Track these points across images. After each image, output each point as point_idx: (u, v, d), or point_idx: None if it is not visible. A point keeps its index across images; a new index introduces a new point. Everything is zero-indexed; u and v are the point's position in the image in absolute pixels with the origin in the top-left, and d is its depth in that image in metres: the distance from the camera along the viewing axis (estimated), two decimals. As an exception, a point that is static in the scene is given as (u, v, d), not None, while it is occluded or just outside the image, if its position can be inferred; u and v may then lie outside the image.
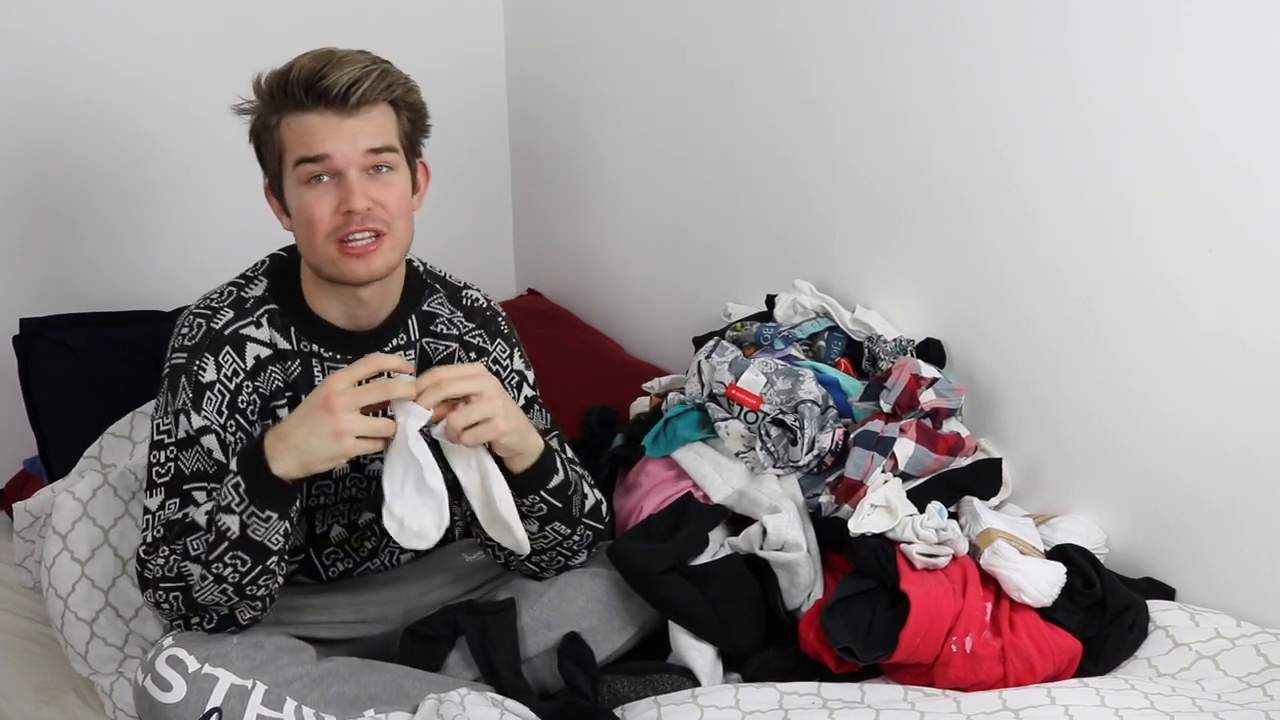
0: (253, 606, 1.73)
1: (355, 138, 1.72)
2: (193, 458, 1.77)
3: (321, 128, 1.72)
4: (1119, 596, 1.94)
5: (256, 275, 1.88)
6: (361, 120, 1.73)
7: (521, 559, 1.89)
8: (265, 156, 1.80)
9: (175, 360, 1.81)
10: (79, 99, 2.58)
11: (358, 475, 1.93)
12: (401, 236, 1.79)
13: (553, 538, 1.87)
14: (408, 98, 1.79)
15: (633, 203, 2.90)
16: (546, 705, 1.79)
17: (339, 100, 1.71)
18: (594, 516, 1.92)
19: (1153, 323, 2.01)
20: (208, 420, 1.78)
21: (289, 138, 1.74)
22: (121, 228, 2.69)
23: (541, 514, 1.83)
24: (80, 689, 2.09)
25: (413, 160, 1.83)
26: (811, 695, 1.79)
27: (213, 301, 1.85)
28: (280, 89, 1.73)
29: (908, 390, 2.15)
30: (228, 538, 1.67)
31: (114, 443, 2.20)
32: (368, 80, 1.72)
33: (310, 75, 1.71)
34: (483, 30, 3.07)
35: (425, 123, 1.84)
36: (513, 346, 1.99)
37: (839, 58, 2.38)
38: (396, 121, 1.78)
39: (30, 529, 2.22)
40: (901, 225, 2.34)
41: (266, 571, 1.70)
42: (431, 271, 1.98)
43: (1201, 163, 1.91)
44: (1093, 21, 1.99)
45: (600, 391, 2.64)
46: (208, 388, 1.79)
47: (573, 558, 1.94)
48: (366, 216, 1.73)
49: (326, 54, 1.74)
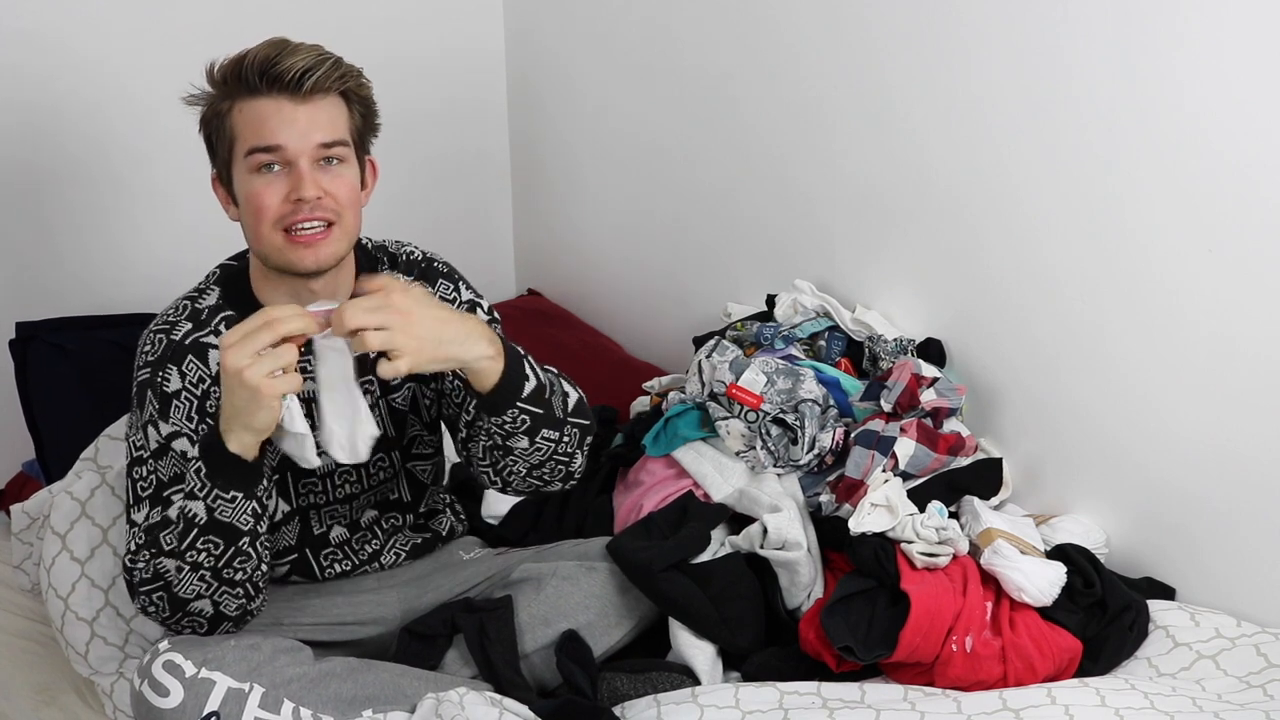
0: (234, 594, 1.71)
1: (308, 131, 1.72)
2: (169, 464, 1.77)
3: (274, 115, 1.72)
4: (1119, 596, 1.94)
5: (208, 286, 1.87)
6: (314, 110, 1.73)
7: (522, 474, 1.83)
8: (215, 145, 1.79)
9: (140, 377, 1.82)
10: (73, 99, 2.58)
11: (348, 471, 1.93)
12: (350, 226, 1.78)
13: (545, 448, 1.81)
14: (359, 91, 1.79)
15: (633, 203, 2.90)
16: (545, 703, 1.79)
17: (292, 85, 1.71)
18: (579, 414, 1.86)
19: (1152, 323, 2.01)
20: (177, 426, 1.78)
21: (241, 125, 1.74)
22: (119, 228, 2.69)
23: (526, 426, 1.77)
24: (81, 689, 2.09)
25: (362, 156, 1.83)
26: (811, 695, 1.79)
27: (169, 316, 1.85)
28: (234, 75, 1.73)
29: (908, 390, 2.16)
30: (196, 524, 1.66)
31: (110, 444, 2.19)
32: (321, 69, 1.72)
33: (264, 61, 1.71)
34: (483, 30, 3.07)
35: (375, 120, 1.84)
36: (456, 281, 1.97)
37: (839, 58, 2.38)
38: (348, 115, 1.78)
39: (27, 531, 2.22)
40: (901, 225, 2.34)
41: (241, 553, 1.68)
42: (378, 245, 1.97)
43: (1201, 163, 1.91)
44: (1092, 21, 1.99)
45: (600, 391, 2.64)
46: (174, 396, 1.79)
47: (570, 463, 1.85)
48: (316, 206, 1.73)
49: (281, 42, 1.75)
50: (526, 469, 1.83)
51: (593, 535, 2.13)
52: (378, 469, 1.95)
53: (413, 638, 1.92)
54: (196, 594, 1.70)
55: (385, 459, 1.95)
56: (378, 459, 1.94)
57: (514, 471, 1.83)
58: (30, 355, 2.37)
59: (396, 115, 2.92)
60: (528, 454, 1.80)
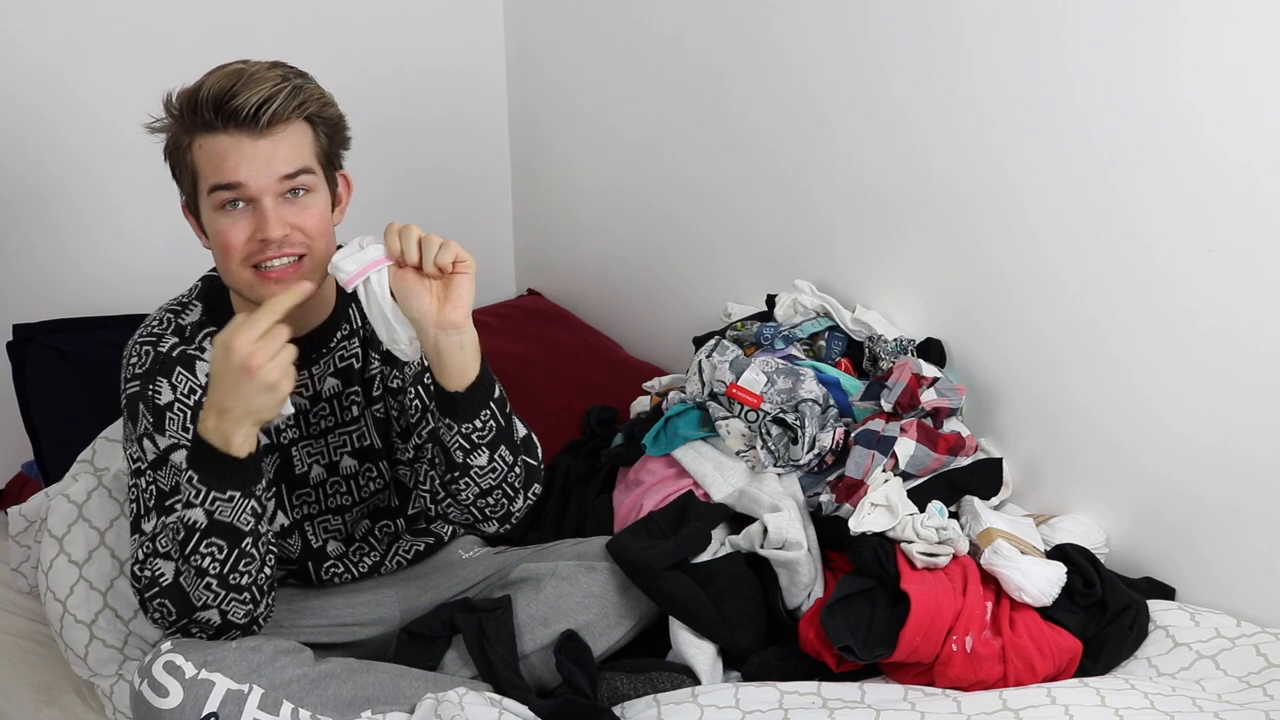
0: (241, 600, 1.71)
1: (270, 163, 1.68)
2: (169, 475, 1.76)
3: (233, 151, 1.67)
4: (1119, 596, 1.94)
5: (191, 300, 1.86)
6: (274, 142, 1.68)
7: (468, 502, 1.81)
8: (180, 178, 1.76)
9: (130, 389, 1.81)
10: (71, 99, 2.58)
11: (338, 480, 1.93)
12: (321, 255, 1.74)
13: (500, 469, 1.78)
14: (323, 113, 1.74)
15: (633, 203, 2.90)
16: (545, 703, 1.79)
17: (249, 121, 1.66)
18: (529, 450, 1.85)
19: (1153, 323, 2.01)
20: (174, 438, 1.78)
21: (201, 161, 1.70)
22: (116, 230, 2.69)
23: (491, 435, 1.75)
24: (81, 689, 2.09)
25: (332, 175, 1.78)
26: (811, 694, 1.79)
27: (155, 328, 1.84)
28: (190, 109, 1.69)
29: (909, 389, 2.16)
30: (198, 529, 1.66)
31: (107, 446, 2.19)
32: (279, 99, 1.67)
33: (219, 95, 1.66)
34: (483, 31, 3.07)
35: (344, 135, 1.79)
36: None
37: (839, 58, 2.38)
38: (313, 139, 1.73)
39: (25, 533, 2.22)
40: (902, 225, 2.34)
41: (245, 555, 1.68)
42: None
43: (1201, 163, 1.91)
44: (1092, 21, 1.99)
45: (600, 391, 2.64)
46: (166, 409, 1.79)
47: (514, 500, 1.82)
48: (284, 243, 1.70)
49: (237, 72, 1.69)
50: (474, 495, 1.79)
51: (593, 535, 2.13)
52: (368, 479, 1.95)
53: (412, 638, 1.92)
54: (204, 603, 1.70)
55: (374, 469, 1.95)
56: (366, 469, 1.94)
57: (461, 497, 1.79)
58: (28, 357, 2.37)
59: (398, 117, 2.96)
60: (482, 474, 1.77)
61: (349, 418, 1.91)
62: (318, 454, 1.91)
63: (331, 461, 1.91)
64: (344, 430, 1.91)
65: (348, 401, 1.90)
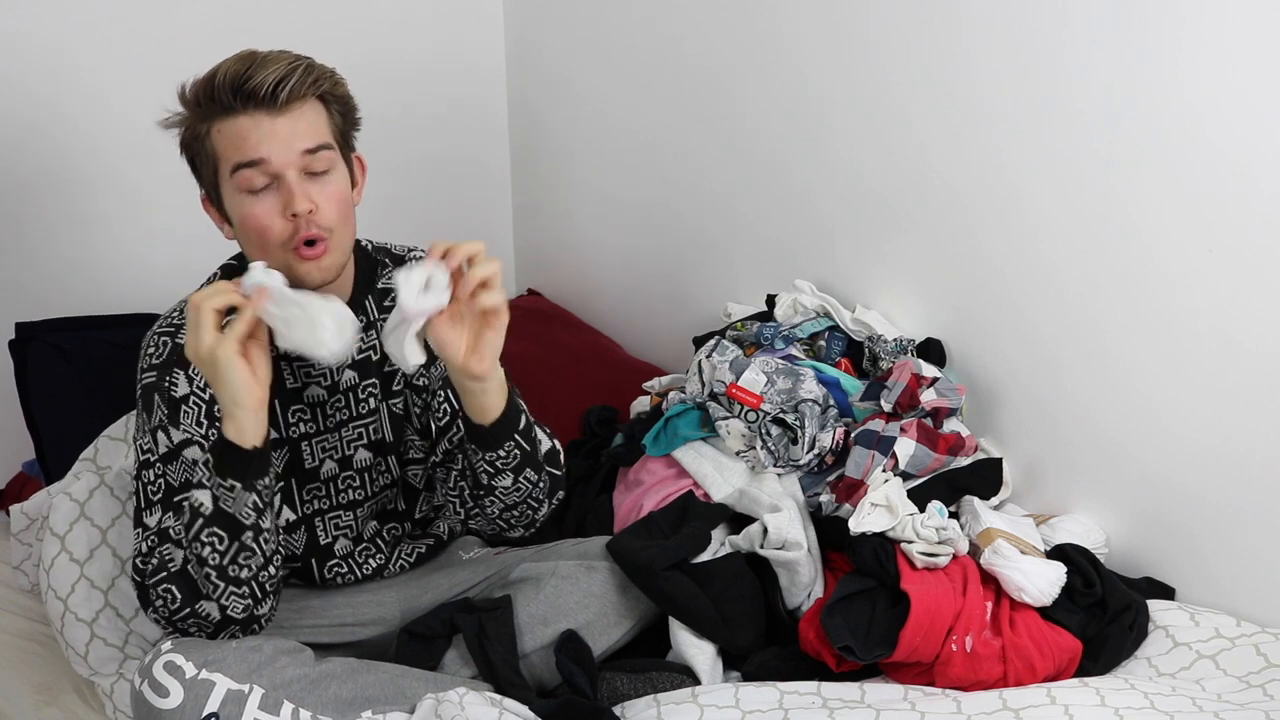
0: (240, 594, 1.71)
1: (290, 139, 1.71)
2: (179, 470, 1.77)
3: (253, 130, 1.70)
4: (1119, 596, 1.94)
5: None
6: (292, 119, 1.72)
7: (494, 515, 1.85)
8: (200, 168, 1.78)
9: (146, 380, 1.82)
10: (72, 99, 2.58)
11: (351, 474, 1.93)
12: (344, 237, 1.77)
13: (524, 488, 1.82)
14: (335, 91, 1.78)
15: (633, 203, 2.90)
16: (545, 703, 1.79)
17: (268, 100, 1.70)
18: (552, 462, 1.87)
19: (1153, 323, 2.01)
20: (188, 433, 1.78)
21: (221, 144, 1.72)
22: (119, 228, 2.69)
23: (515, 462, 1.79)
24: (81, 689, 2.09)
25: (348, 155, 1.81)
26: (811, 694, 1.79)
27: (174, 319, 1.85)
28: (207, 95, 1.72)
29: (908, 389, 2.16)
30: (202, 514, 1.67)
31: (109, 445, 2.20)
32: (294, 76, 1.71)
33: (236, 78, 1.70)
34: (483, 31, 3.07)
35: (355, 115, 1.83)
36: None
37: (839, 58, 2.38)
38: (328, 117, 1.76)
39: (26, 532, 2.22)
40: (901, 225, 2.34)
41: (245, 548, 1.69)
42: (379, 246, 1.97)
43: (1201, 163, 1.91)
44: (1092, 21, 1.99)
45: (600, 391, 2.64)
46: (182, 401, 1.79)
47: (538, 510, 1.87)
48: (311, 220, 1.72)
49: (249, 55, 1.72)
50: (499, 509, 1.84)
51: (593, 535, 2.13)
52: (378, 474, 1.95)
53: (412, 638, 1.92)
54: (205, 593, 1.70)
55: (383, 464, 1.95)
56: (377, 464, 1.94)
57: (486, 511, 1.84)
58: (30, 356, 2.37)
59: (398, 116, 2.95)
60: (508, 493, 1.81)
61: (365, 410, 1.91)
62: (331, 449, 1.91)
63: (345, 455, 1.92)
64: (359, 423, 1.91)
65: (364, 394, 1.90)
